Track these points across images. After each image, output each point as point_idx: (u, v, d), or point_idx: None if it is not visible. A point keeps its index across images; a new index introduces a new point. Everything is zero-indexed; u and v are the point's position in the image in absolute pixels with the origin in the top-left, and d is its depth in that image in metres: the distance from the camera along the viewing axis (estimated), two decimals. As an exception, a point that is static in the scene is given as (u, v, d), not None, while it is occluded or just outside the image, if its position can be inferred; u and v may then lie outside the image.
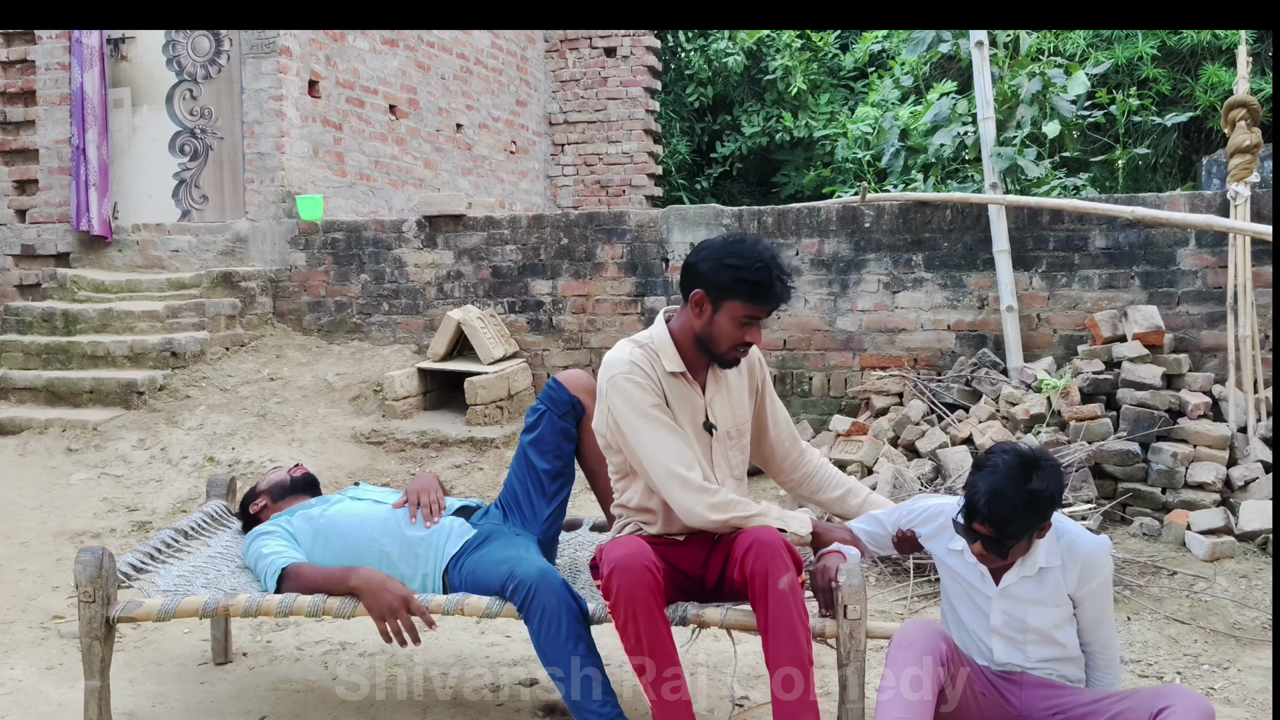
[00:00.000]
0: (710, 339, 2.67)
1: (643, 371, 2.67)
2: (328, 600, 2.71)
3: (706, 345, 2.68)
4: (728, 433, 2.80)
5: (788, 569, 2.52)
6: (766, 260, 2.60)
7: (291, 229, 7.19)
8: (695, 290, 2.65)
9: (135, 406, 6.07)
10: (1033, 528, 2.51)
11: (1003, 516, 2.45)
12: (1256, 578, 4.14)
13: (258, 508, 3.33)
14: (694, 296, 2.65)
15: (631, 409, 2.64)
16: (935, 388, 5.57)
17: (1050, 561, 2.58)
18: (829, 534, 2.79)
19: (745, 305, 2.61)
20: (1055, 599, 2.59)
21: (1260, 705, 3.22)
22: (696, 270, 2.66)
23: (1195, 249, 5.61)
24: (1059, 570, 2.58)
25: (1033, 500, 2.46)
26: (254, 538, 3.05)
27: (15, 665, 3.46)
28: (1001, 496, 2.45)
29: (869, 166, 9.31)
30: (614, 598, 2.53)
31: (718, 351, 2.69)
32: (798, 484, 3.04)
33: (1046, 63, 6.67)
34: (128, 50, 7.43)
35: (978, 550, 2.54)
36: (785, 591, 2.50)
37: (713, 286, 2.62)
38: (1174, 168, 9.57)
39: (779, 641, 2.51)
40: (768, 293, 2.61)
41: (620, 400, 2.66)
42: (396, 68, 8.57)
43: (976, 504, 2.48)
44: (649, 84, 11.09)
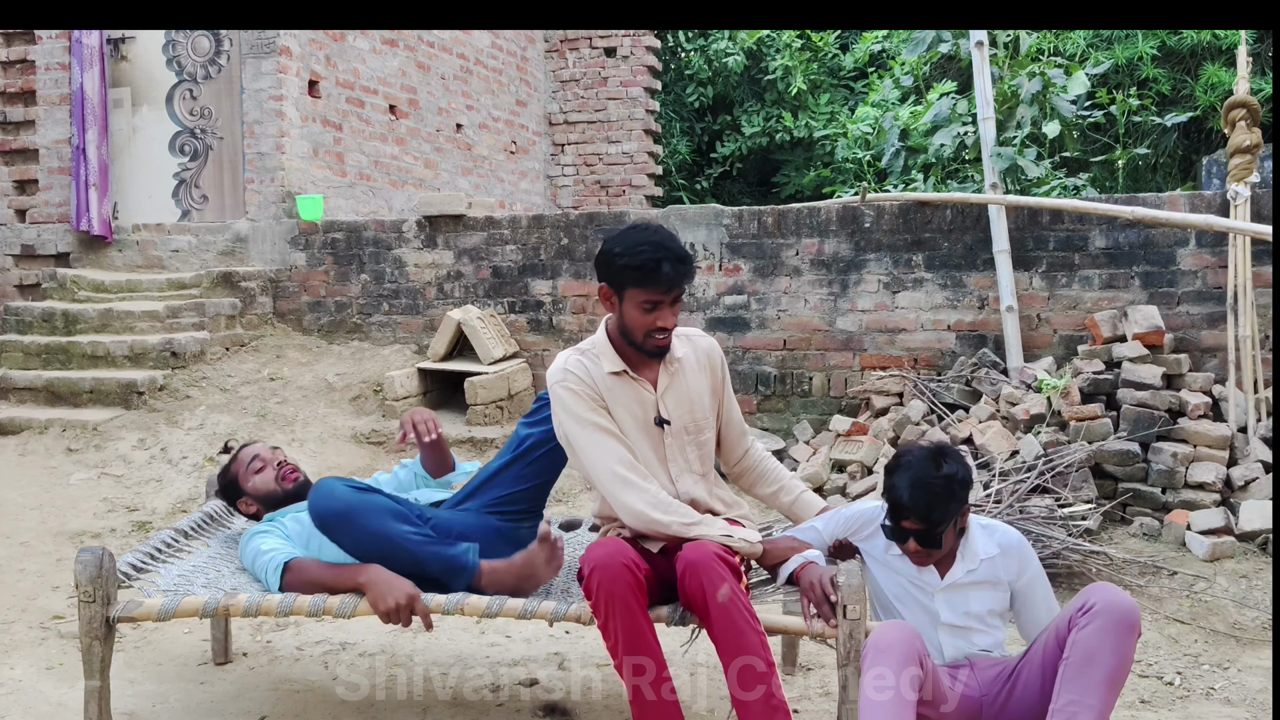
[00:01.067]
0: (626, 329, 2.72)
1: (577, 378, 2.70)
2: (328, 600, 2.71)
3: (627, 336, 2.73)
4: (684, 428, 2.79)
5: (724, 580, 2.50)
6: (653, 242, 2.62)
7: (291, 229, 7.19)
8: (601, 285, 2.72)
9: (135, 406, 6.07)
10: (955, 512, 2.63)
11: (927, 504, 2.57)
12: (1256, 578, 4.14)
13: (250, 510, 3.30)
14: (600, 291, 2.73)
15: (569, 416, 2.69)
16: (935, 388, 5.57)
17: (988, 551, 2.71)
18: (775, 545, 2.79)
19: (641, 291, 2.64)
20: (994, 583, 2.70)
21: (1260, 705, 3.22)
22: (598, 266, 2.72)
23: (1195, 249, 5.61)
24: (997, 559, 2.71)
25: (949, 484, 2.59)
26: (250, 536, 3.03)
27: (15, 665, 3.46)
28: (921, 486, 2.57)
29: (869, 166, 9.31)
30: (594, 596, 2.53)
31: (636, 341, 2.72)
32: (738, 477, 3.08)
33: (1046, 63, 6.67)
34: (128, 50, 7.43)
35: (912, 548, 2.64)
36: (725, 604, 2.49)
37: (610, 277, 2.68)
38: (1174, 168, 9.57)
39: (730, 650, 2.50)
40: (656, 274, 2.61)
41: (560, 409, 2.71)
42: (396, 68, 8.57)
43: (900, 500, 2.60)
44: (649, 84, 11.09)
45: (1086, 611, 2.46)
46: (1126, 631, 2.44)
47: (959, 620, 2.70)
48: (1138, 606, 2.51)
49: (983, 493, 4.48)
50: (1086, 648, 2.44)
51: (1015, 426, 5.06)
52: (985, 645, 2.71)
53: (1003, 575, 2.71)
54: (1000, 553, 2.71)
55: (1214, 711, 3.20)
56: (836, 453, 5.36)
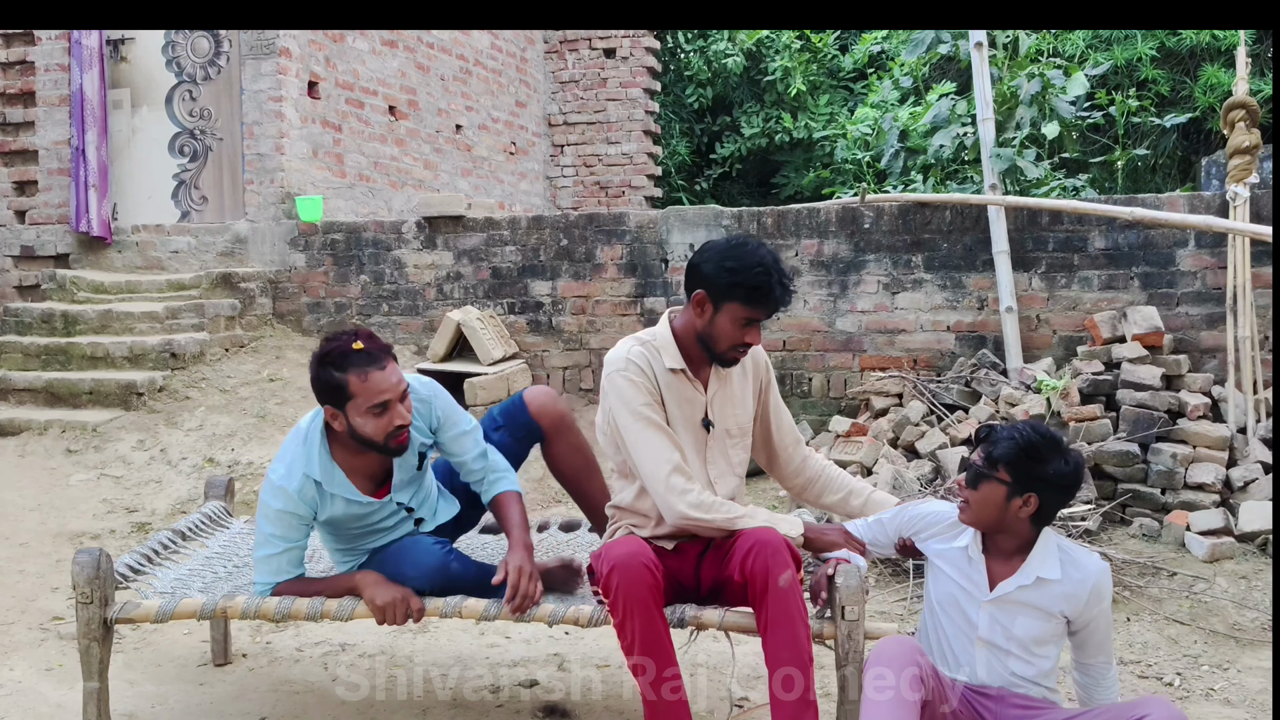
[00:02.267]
0: (711, 338, 2.71)
1: (638, 369, 2.71)
2: (325, 603, 2.71)
3: (707, 344, 2.73)
4: (727, 430, 2.82)
5: (788, 566, 2.52)
6: (767, 264, 2.64)
7: (291, 230, 7.19)
8: (697, 290, 2.70)
9: (135, 407, 6.07)
10: (1019, 467, 2.47)
11: (997, 435, 2.52)
12: (1256, 578, 4.14)
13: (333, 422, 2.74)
14: (695, 296, 2.70)
15: (624, 406, 2.69)
16: (935, 388, 5.57)
17: (1049, 573, 2.52)
18: (822, 535, 2.79)
19: (744, 308, 2.65)
20: (1047, 611, 2.53)
21: (1260, 706, 3.22)
22: (699, 271, 2.70)
23: (1195, 250, 5.61)
24: (1058, 585, 2.52)
25: (1037, 439, 2.48)
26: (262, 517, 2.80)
27: (15, 666, 3.46)
28: (1016, 427, 2.52)
29: (868, 167, 9.31)
30: (613, 596, 2.53)
31: (717, 350, 2.73)
32: (801, 489, 3.04)
33: (1046, 64, 6.67)
34: (127, 51, 7.43)
35: (961, 482, 2.57)
36: (785, 589, 2.50)
37: (714, 287, 2.66)
38: (1173, 168, 9.58)
39: (779, 639, 2.51)
40: (767, 296, 2.65)
41: (616, 397, 2.71)
42: (396, 68, 8.57)
43: (989, 427, 2.57)
44: (648, 85, 11.09)
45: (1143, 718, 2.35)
46: None
47: (999, 640, 2.54)
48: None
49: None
50: None
51: (1015, 427, 5.06)
52: (1024, 674, 2.55)
53: (1058, 605, 2.52)
54: (1062, 579, 2.51)
55: (1214, 712, 3.20)
56: (836, 454, 5.36)
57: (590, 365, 6.66)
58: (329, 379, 2.68)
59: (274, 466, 2.79)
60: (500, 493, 2.94)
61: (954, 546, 2.64)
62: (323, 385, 2.70)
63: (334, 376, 2.67)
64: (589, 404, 6.48)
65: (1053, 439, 2.52)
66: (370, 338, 2.72)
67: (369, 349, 2.67)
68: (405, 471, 2.88)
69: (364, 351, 2.66)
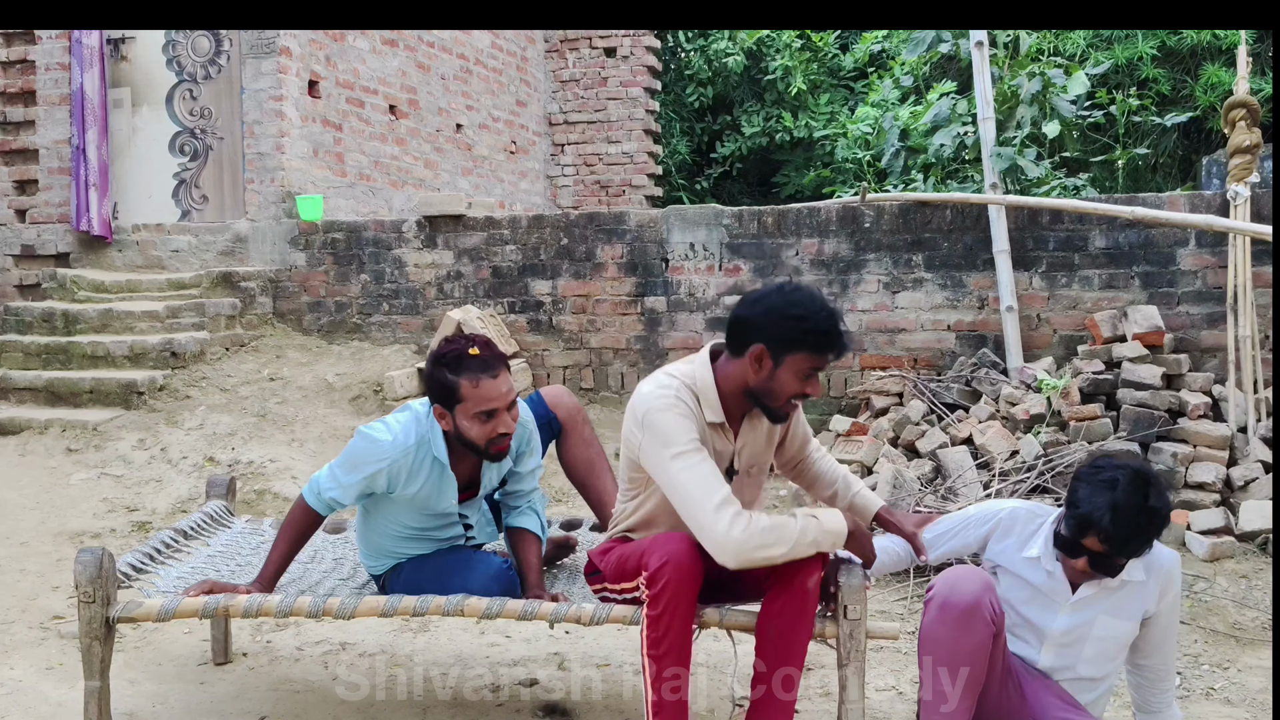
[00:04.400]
0: (769, 394, 2.53)
1: (686, 406, 2.52)
2: (328, 601, 2.71)
3: (762, 399, 2.55)
4: (747, 471, 2.74)
5: (818, 570, 2.52)
6: (829, 308, 2.49)
7: (291, 229, 7.19)
8: (754, 345, 2.49)
9: (135, 406, 6.07)
10: (1148, 547, 2.43)
11: (1125, 535, 2.37)
12: (1256, 578, 4.14)
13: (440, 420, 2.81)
14: (753, 352, 2.48)
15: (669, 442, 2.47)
16: (935, 388, 5.57)
17: (1133, 575, 2.50)
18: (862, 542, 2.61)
19: (811, 358, 2.48)
20: (1128, 613, 2.53)
21: (1260, 705, 3.22)
22: (753, 324, 2.50)
23: (1195, 249, 5.61)
24: (1140, 585, 2.51)
25: (1153, 519, 2.39)
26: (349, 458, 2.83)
27: (15, 665, 3.46)
28: (1124, 513, 2.36)
29: (869, 167, 9.30)
30: (660, 588, 2.46)
31: (774, 405, 2.56)
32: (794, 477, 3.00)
33: (1046, 63, 6.67)
34: (128, 50, 7.42)
35: (1081, 566, 2.45)
36: (810, 591, 2.51)
37: (776, 340, 2.47)
38: (1174, 168, 9.57)
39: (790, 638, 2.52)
40: (835, 342, 2.49)
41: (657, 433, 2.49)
42: (396, 68, 8.57)
43: (1095, 520, 2.38)
44: (649, 84, 11.09)
45: None
46: None
47: (1072, 641, 2.54)
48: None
49: (982, 493, 4.48)
50: None
51: (1015, 426, 5.06)
52: (1088, 675, 2.56)
53: (1139, 606, 2.52)
54: (1147, 579, 2.51)
55: (1214, 711, 3.20)
56: (836, 453, 5.36)
57: (590, 365, 6.66)
58: (442, 380, 2.74)
59: (380, 427, 2.84)
60: (526, 528, 3.00)
61: (1027, 556, 2.58)
62: (436, 385, 2.76)
63: (447, 378, 2.73)
64: (589, 403, 6.49)
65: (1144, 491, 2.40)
66: (487, 344, 2.79)
67: (484, 356, 2.74)
68: (487, 488, 2.97)
69: (479, 358, 2.73)
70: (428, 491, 2.85)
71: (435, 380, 2.76)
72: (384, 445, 2.79)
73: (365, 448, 2.81)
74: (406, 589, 2.87)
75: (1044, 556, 2.55)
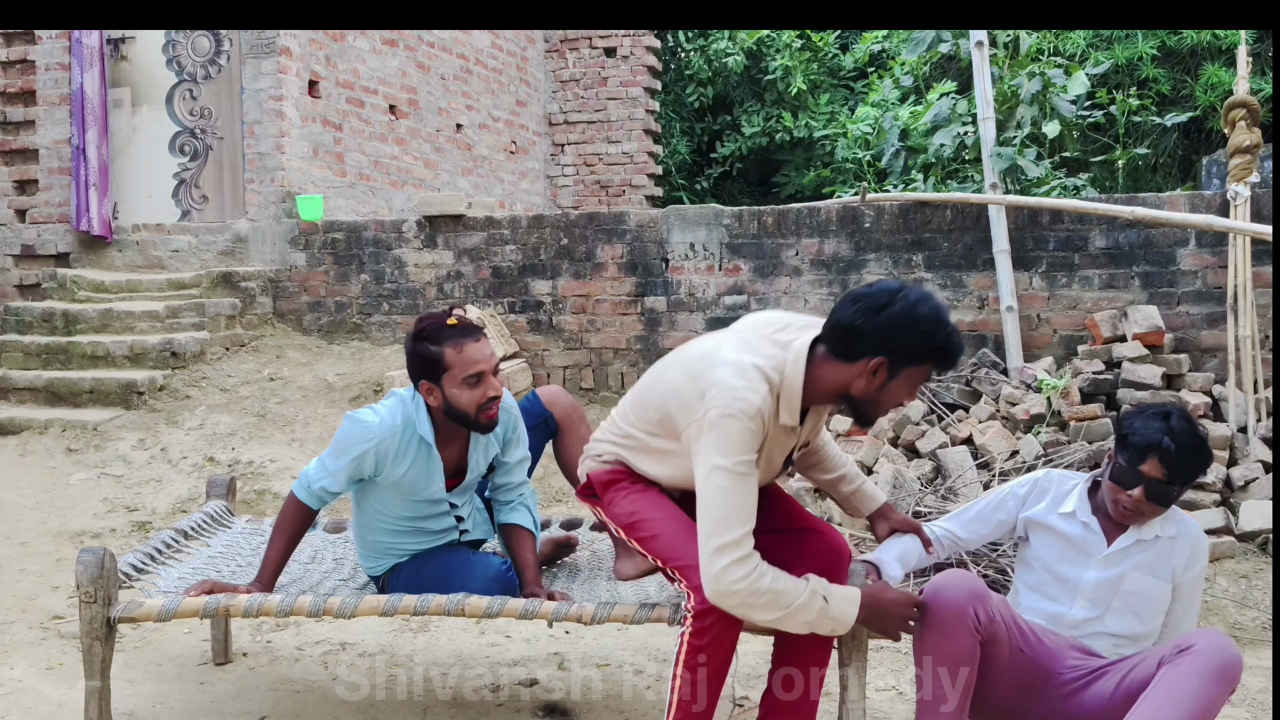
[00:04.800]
0: (874, 404, 2.42)
1: (761, 422, 2.35)
2: (328, 600, 2.71)
3: (863, 407, 2.44)
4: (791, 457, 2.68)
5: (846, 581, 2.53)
6: (951, 323, 2.39)
7: (291, 229, 7.19)
8: (874, 358, 2.34)
9: (135, 406, 6.07)
10: (1197, 478, 2.55)
11: (1183, 455, 2.47)
12: (1256, 578, 4.14)
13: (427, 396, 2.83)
14: (871, 364, 2.34)
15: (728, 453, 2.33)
16: (935, 387, 5.57)
17: (1166, 530, 2.60)
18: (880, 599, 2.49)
19: (929, 369, 2.40)
20: (1158, 570, 2.60)
21: (1260, 705, 3.22)
22: (874, 335, 2.33)
23: (1195, 249, 5.61)
24: (1170, 542, 2.60)
25: (1204, 448, 2.51)
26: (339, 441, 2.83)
27: (15, 665, 3.46)
28: (1181, 436, 2.48)
29: (869, 166, 9.30)
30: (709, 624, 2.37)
31: (873, 414, 2.46)
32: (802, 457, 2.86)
33: (1046, 63, 6.67)
34: (128, 50, 7.43)
35: (1136, 497, 2.51)
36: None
37: (898, 354, 2.34)
38: (1174, 168, 9.57)
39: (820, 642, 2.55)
40: (956, 358, 2.41)
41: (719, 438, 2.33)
42: (396, 68, 8.57)
43: (1156, 442, 2.48)
44: (649, 84, 11.09)
45: (1185, 651, 2.34)
46: (1219, 680, 2.30)
47: (1103, 594, 2.58)
48: (1240, 659, 2.35)
49: (983, 493, 4.47)
50: (1173, 683, 2.31)
51: (1015, 426, 5.06)
52: (1119, 631, 2.59)
53: (1169, 563, 2.58)
54: (1179, 535, 2.60)
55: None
56: (836, 453, 5.35)
57: (590, 365, 6.66)
58: (425, 352, 2.76)
59: (366, 412, 2.87)
60: (518, 524, 2.99)
61: (1063, 511, 2.67)
62: (420, 359, 2.77)
63: (430, 350, 2.75)
64: (589, 403, 6.48)
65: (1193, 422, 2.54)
66: (463, 315, 2.82)
67: (462, 324, 2.77)
68: (475, 472, 2.96)
69: (458, 326, 2.76)
70: (414, 474, 2.85)
71: (418, 355, 2.78)
72: (371, 426, 2.81)
73: (353, 430, 2.83)
74: (406, 587, 2.88)
75: (1079, 510, 2.64)
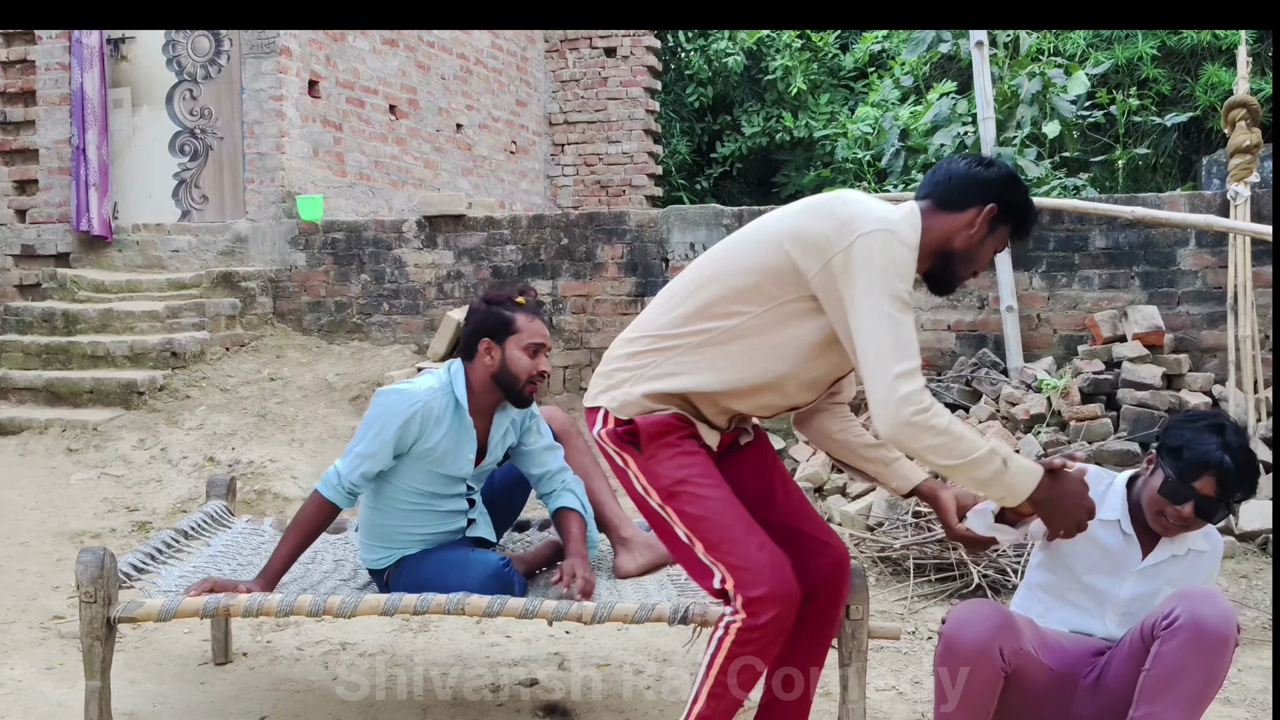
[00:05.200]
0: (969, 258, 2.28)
1: (913, 261, 2.18)
2: (328, 600, 2.71)
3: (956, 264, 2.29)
4: None
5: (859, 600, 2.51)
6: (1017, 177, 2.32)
7: (291, 229, 7.19)
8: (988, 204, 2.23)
9: (135, 406, 6.07)
10: (1252, 493, 2.46)
11: (1239, 473, 2.36)
12: (1256, 578, 4.14)
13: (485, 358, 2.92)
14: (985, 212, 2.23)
15: (888, 275, 2.10)
16: (935, 388, 5.57)
17: (1199, 545, 2.53)
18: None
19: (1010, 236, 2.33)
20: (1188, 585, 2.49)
21: (1260, 705, 3.22)
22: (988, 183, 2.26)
23: (1195, 249, 5.61)
24: (1199, 556, 2.53)
25: (1258, 466, 2.43)
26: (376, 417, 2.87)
27: (15, 665, 3.46)
28: (1238, 454, 2.37)
29: (869, 166, 9.30)
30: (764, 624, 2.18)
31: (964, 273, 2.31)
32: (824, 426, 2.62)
33: (1046, 63, 6.68)
34: (128, 50, 7.43)
35: (1187, 512, 2.40)
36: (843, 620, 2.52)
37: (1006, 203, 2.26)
38: (1174, 168, 9.57)
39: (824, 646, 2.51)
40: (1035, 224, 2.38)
41: (876, 260, 2.10)
42: (396, 68, 8.57)
43: (1213, 460, 2.35)
44: (649, 84, 11.09)
45: (1170, 624, 2.26)
46: (1214, 649, 2.24)
47: (1137, 609, 2.48)
48: (1231, 614, 2.27)
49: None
50: (1168, 665, 2.25)
51: (1015, 426, 5.06)
52: None
53: (1197, 578, 2.53)
54: (1209, 551, 2.54)
55: (1213, 711, 3.20)
56: (836, 453, 5.35)
57: (590, 365, 6.65)
58: (498, 315, 2.92)
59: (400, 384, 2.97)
60: (570, 507, 3.08)
61: (1104, 519, 2.50)
62: (492, 318, 2.92)
63: (502, 313, 2.92)
64: (589, 403, 6.48)
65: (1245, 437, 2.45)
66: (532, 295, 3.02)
67: (529, 303, 2.97)
68: (493, 455, 3.06)
69: (526, 304, 2.96)
70: (448, 444, 2.93)
71: (492, 315, 2.93)
72: (412, 392, 2.91)
73: (393, 400, 2.90)
74: (408, 584, 2.91)
75: (1123, 519, 2.51)
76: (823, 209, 2.21)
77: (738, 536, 2.21)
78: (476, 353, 2.93)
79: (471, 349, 2.94)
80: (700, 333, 2.24)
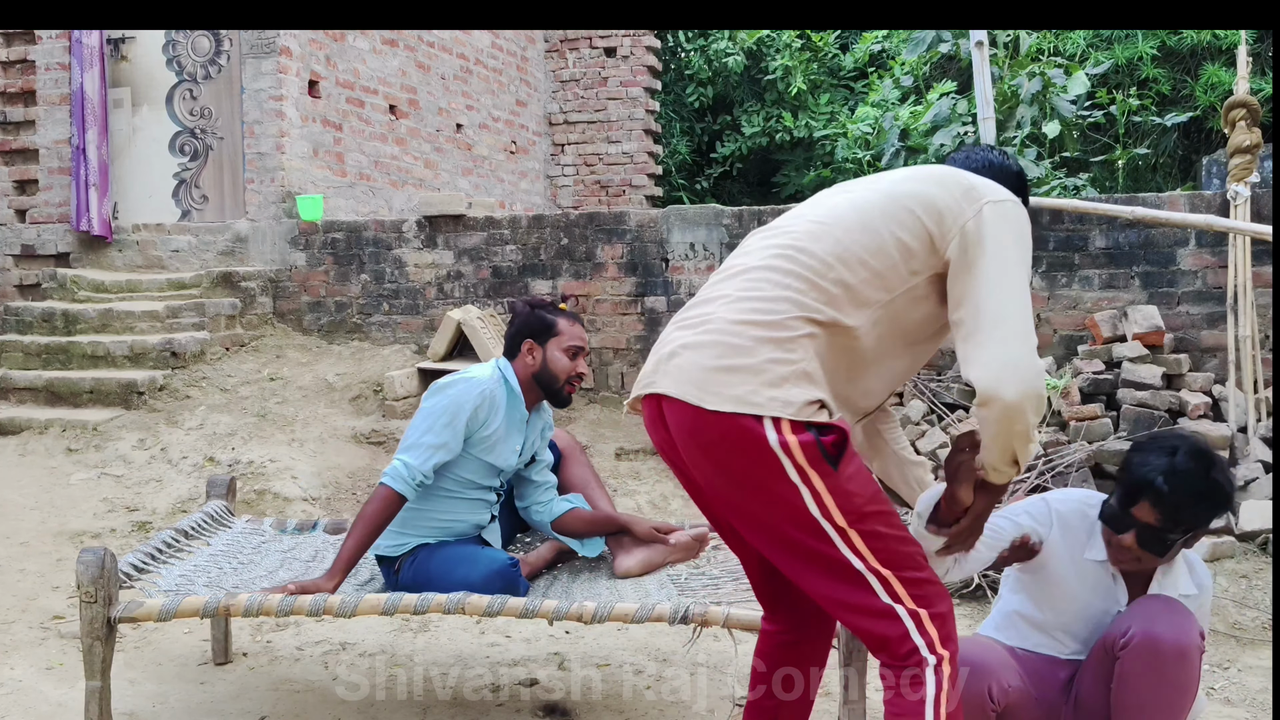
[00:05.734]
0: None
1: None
2: (328, 600, 2.71)
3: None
4: None
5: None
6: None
7: (291, 229, 7.19)
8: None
9: (135, 406, 6.07)
10: (1203, 524, 2.22)
11: (1177, 501, 2.15)
12: (1256, 578, 4.14)
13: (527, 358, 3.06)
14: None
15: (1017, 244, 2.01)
16: (935, 387, 5.57)
17: (1188, 589, 2.34)
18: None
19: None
20: None
21: (1260, 705, 3.22)
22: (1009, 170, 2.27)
23: (1195, 249, 5.61)
24: (1194, 600, 2.34)
25: (1212, 490, 2.18)
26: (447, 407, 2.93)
27: (15, 665, 3.46)
28: (1181, 476, 2.15)
29: (869, 167, 9.30)
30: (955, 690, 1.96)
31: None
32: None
33: (1046, 63, 6.68)
34: (128, 50, 7.43)
35: (1126, 543, 2.22)
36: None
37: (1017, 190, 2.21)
38: (1174, 168, 9.57)
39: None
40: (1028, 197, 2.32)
41: (1010, 225, 2.01)
42: (396, 68, 8.57)
43: (1149, 481, 2.16)
44: (649, 84, 11.09)
45: (1126, 644, 2.17)
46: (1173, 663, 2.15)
47: None
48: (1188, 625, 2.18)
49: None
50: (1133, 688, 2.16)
51: (1015, 426, 5.06)
52: None
53: None
54: (1198, 593, 2.36)
55: (1214, 712, 3.20)
56: (836, 453, 5.35)
57: (590, 365, 6.65)
58: (541, 317, 3.07)
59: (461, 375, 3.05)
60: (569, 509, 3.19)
61: (1092, 559, 2.36)
62: (536, 320, 3.08)
63: (545, 316, 3.08)
64: (589, 403, 6.48)
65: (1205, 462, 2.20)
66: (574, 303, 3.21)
67: (571, 310, 3.15)
68: (528, 451, 3.15)
69: (567, 311, 3.13)
70: (501, 433, 3.01)
71: (535, 317, 3.07)
72: (475, 379, 3.00)
73: (462, 388, 2.97)
74: (418, 573, 2.97)
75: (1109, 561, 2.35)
76: (943, 179, 2.07)
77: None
78: (519, 352, 3.07)
79: (514, 349, 3.08)
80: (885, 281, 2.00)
